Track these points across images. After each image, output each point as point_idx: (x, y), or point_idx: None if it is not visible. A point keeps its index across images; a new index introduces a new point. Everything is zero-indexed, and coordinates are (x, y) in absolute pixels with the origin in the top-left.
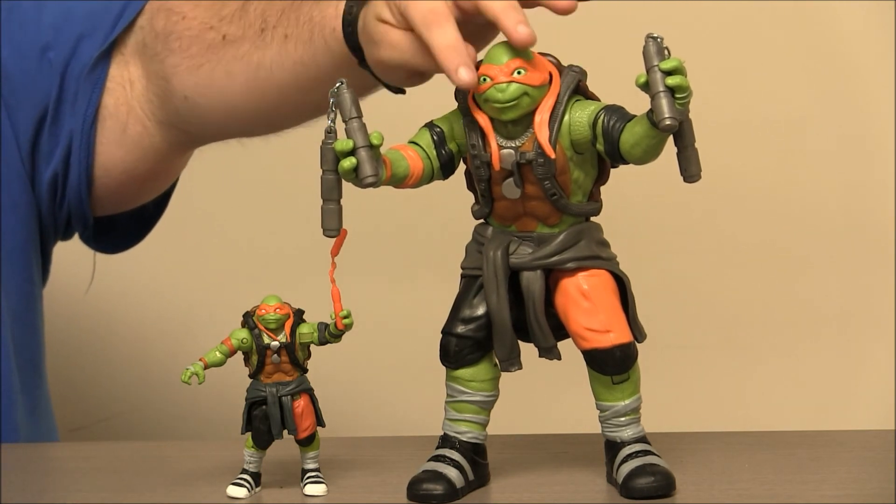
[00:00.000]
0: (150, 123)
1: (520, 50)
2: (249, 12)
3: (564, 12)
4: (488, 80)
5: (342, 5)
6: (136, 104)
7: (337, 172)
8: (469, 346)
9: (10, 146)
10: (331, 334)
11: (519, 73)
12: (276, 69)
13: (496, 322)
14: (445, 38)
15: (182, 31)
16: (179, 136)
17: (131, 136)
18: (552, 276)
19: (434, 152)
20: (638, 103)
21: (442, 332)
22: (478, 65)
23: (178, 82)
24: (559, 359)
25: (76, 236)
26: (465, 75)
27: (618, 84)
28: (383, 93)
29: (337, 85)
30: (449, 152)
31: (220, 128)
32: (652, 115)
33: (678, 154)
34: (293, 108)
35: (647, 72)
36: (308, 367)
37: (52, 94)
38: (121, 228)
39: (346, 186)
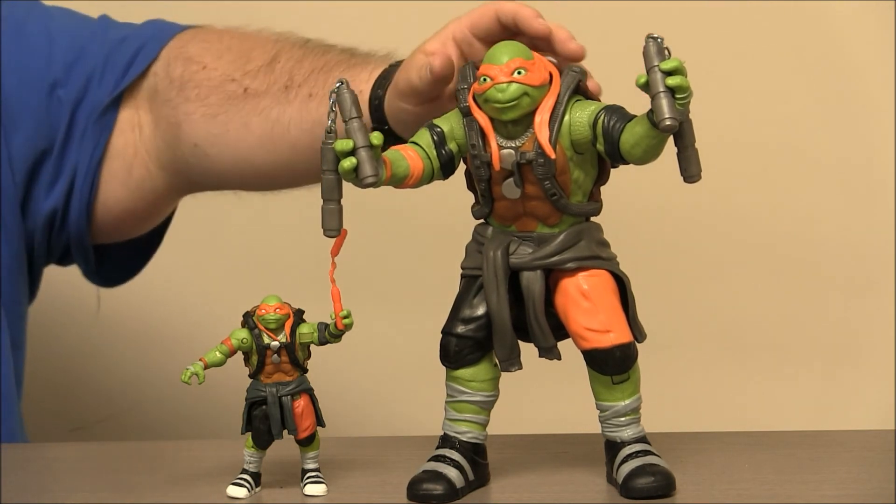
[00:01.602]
0: (154, 168)
1: (520, 50)
2: (276, 69)
3: (576, 58)
4: (488, 80)
5: (377, 71)
6: (143, 148)
7: (337, 172)
8: (469, 346)
9: (4, 170)
10: (331, 334)
11: (519, 73)
12: (293, 126)
13: (496, 322)
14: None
15: (201, 81)
16: (181, 182)
17: (135, 178)
18: (552, 276)
19: (434, 152)
20: (638, 103)
21: (442, 332)
22: (478, 64)
23: (189, 129)
24: (559, 359)
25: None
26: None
27: (618, 84)
28: None
29: (337, 85)
30: (449, 152)
31: (225, 178)
32: (652, 116)
33: (678, 154)
34: (302, 169)
35: (648, 72)
36: (308, 367)
37: (60, 130)
38: (116, 261)
39: (347, 186)
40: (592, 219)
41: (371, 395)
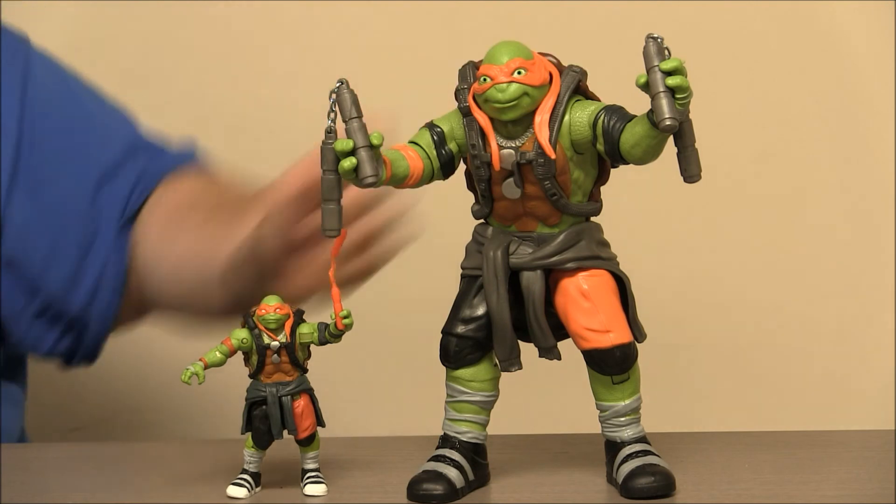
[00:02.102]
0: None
1: (520, 50)
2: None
3: None
4: (488, 80)
5: None
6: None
7: (337, 172)
8: (469, 346)
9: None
10: (331, 334)
11: (519, 73)
12: (224, 243)
13: (496, 322)
14: None
15: (171, 204)
16: (133, 302)
17: None
18: (552, 276)
19: (434, 152)
20: (638, 103)
21: (442, 332)
22: (479, 64)
23: (143, 248)
24: (559, 359)
25: None
26: None
27: (618, 84)
28: (384, 93)
29: (337, 85)
30: (449, 152)
31: (163, 299)
32: (652, 116)
33: (678, 154)
34: (217, 298)
35: (648, 72)
36: (308, 367)
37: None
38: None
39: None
40: (592, 219)
41: (371, 395)
